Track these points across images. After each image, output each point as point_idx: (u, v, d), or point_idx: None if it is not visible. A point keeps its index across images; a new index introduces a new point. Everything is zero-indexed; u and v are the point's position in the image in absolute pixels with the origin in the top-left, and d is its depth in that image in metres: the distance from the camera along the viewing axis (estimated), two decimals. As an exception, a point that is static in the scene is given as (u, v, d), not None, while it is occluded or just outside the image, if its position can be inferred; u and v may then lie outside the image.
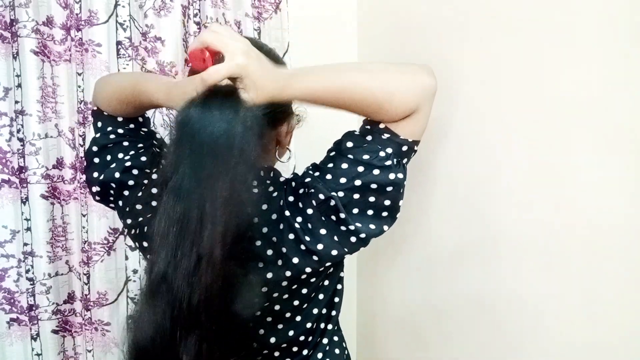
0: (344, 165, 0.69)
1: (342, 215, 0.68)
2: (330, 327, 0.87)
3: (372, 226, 0.70)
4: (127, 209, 0.78)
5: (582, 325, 0.73)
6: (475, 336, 0.97)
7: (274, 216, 0.71)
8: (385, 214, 0.71)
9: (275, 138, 0.81)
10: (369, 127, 0.71)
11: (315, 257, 0.70)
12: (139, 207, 0.76)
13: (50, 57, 1.15)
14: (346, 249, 0.71)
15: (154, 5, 1.19)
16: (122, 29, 1.17)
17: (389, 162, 0.69)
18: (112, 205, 0.82)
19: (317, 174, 0.71)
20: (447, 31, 1.01)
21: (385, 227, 0.72)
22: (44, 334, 1.24)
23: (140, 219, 0.76)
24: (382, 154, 0.68)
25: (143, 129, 0.84)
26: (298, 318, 0.81)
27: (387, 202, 0.70)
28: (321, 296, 0.82)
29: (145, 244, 0.77)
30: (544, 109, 0.77)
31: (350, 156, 0.69)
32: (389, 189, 0.69)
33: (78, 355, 1.27)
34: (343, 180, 0.68)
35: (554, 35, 0.75)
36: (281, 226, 0.70)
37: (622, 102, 0.65)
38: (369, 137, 0.70)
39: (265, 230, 0.71)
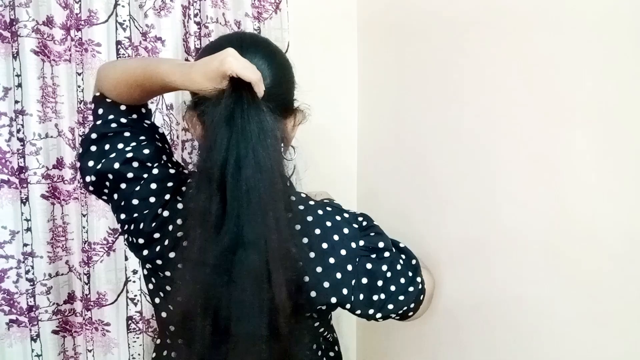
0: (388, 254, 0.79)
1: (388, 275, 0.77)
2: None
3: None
4: (122, 203, 0.75)
5: (583, 325, 0.73)
6: (475, 336, 0.96)
7: (344, 252, 0.74)
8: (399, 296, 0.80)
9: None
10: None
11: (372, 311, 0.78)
12: (135, 202, 0.74)
13: (50, 56, 1.15)
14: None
15: (154, 5, 1.19)
16: (122, 29, 1.17)
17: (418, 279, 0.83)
18: (105, 197, 0.78)
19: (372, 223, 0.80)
20: (447, 31, 1.01)
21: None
22: (44, 335, 1.24)
23: (135, 214, 0.74)
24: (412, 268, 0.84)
25: (146, 121, 0.80)
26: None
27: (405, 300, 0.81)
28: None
29: (141, 240, 0.75)
30: (545, 109, 0.77)
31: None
32: (411, 289, 0.82)
33: (78, 355, 1.27)
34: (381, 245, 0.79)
35: (555, 36, 0.75)
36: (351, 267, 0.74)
37: (622, 102, 0.65)
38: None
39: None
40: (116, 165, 0.73)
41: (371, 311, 0.76)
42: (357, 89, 1.45)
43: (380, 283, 0.75)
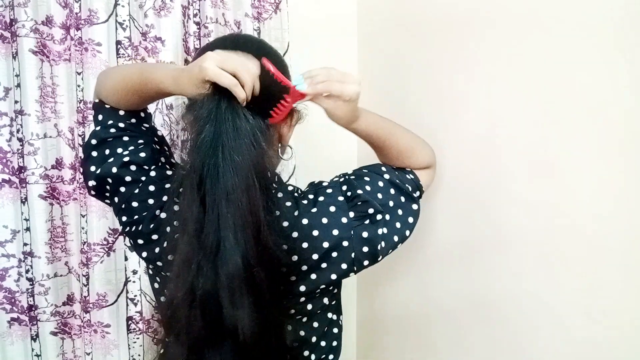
0: (380, 183, 0.79)
1: (380, 232, 0.76)
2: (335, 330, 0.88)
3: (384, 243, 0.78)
4: (123, 206, 0.76)
5: (584, 325, 0.73)
6: (475, 336, 0.97)
7: (336, 231, 0.74)
8: (396, 238, 0.79)
9: (278, 134, 0.79)
10: (396, 168, 0.84)
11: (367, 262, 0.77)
12: (135, 204, 0.75)
13: (49, 56, 1.14)
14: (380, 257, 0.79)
15: (154, 5, 1.18)
16: (122, 29, 1.17)
17: (414, 194, 0.82)
18: (107, 201, 0.80)
19: (357, 184, 0.78)
20: (447, 31, 1.01)
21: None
22: (43, 335, 1.23)
23: (136, 216, 0.76)
24: (408, 185, 0.82)
25: (144, 125, 0.81)
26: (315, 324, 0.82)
27: (407, 232, 0.81)
28: (315, 324, 0.83)
29: (140, 241, 0.76)
30: (546, 109, 0.77)
31: (387, 177, 0.80)
32: (411, 220, 0.80)
33: (77, 358, 1.26)
34: (380, 196, 0.77)
35: (555, 36, 0.75)
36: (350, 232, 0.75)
37: (623, 103, 0.65)
38: (397, 172, 0.83)
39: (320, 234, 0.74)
40: (114, 170, 0.75)
41: (379, 258, 0.79)
42: (356, 89, 1.44)
43: (382, 245, 0.77)
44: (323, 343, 0.83)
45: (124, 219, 0.77)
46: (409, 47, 1.15)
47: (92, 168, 0.77)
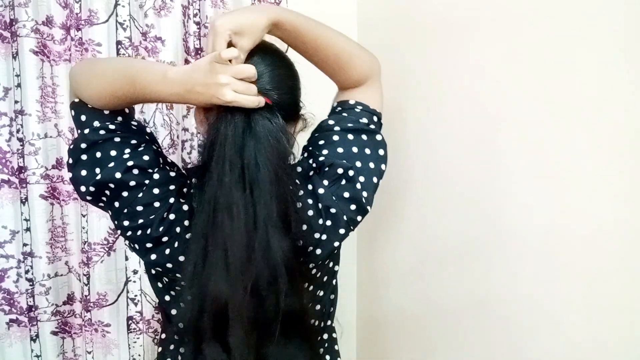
0: (335, 137, 0.78)
1: (358, 186, 0.77)
2: (329, 323, 0.88)
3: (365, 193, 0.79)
4: (125, 210, 0.74)
5: (584, 325, 0.73)
6: (475, 336, 0.97)
7: (310, 201, 0.76)
8: (375, 179, 0.80)
9: None
10: (340, 107, 0.82)
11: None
12: (139, 208, 0.74)
13: (49, 56, 1.15)
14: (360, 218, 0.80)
15: (154, 5, 1.18)
16: (122, 29, 1.17)
17: (372, 126, 0.80)
18: (102, 204, 0.77)
19: (316, 152, 0.78)
20: (447, 31, 1.01)
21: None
22: (44, 335, 1.23)
23: (141, 220, 0.74)
24: (362, 120, 0.80)
25: (133, 123, 0.78)
26: (317, 307, 0.84)
27: (383, 167, 0.81)
28: (321, 293, 0.84)
29: (148, 245, 0.75)
30: (546, 109, 0.78)
31: (337, 128, 0.79)
32: (381, 152, 0.80)
33: (78, 357, 1.27)
34: (340, 150, 0.77)
35: (555, 36, 0.75)
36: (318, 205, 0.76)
37: (623, 103, 0.65)
38: (345, 114, 0.80)
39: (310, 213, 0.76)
40: (117, 175, 0.72)
41: (369, 207, 0.80)
42: (356, 89, 1.44)
43: (364, 194, 0.78)
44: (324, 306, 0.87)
45: (126, 223, 0.75)
46: (409, 47, 1.15)
47: (84, 172, 0.73)
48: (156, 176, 0.75)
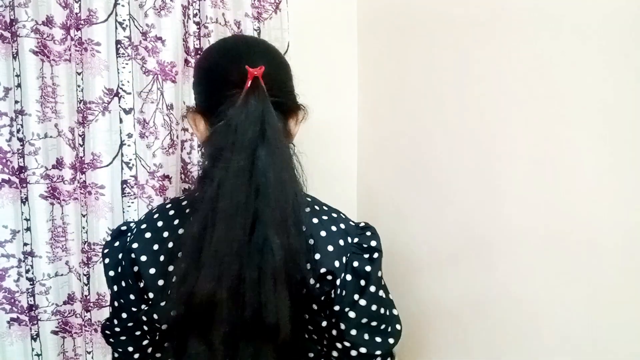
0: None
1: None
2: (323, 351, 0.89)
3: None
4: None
5: (584, 325, 0.73)
6: (474, 336, 0.97)
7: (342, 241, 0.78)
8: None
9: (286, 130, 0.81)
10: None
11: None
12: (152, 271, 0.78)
13: (49, 56, 1.15)
14: None
15: (154, 5, 1.18)
16: (122, 28, 1.17)
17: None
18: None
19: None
20: (447, 31, 1.01)
21: None
22: (44, 335, 1.24)
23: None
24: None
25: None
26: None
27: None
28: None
29: (160, 282, 0.78)
30: (545, 109, 0.77)
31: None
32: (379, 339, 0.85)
33: (78, 357, 1.27)
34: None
35: (555, 36, 0.75)
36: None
37: (622, 102, 0.65)
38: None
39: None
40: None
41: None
42: (357, 89, 1.45)
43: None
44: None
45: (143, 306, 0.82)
46: (409, 46, 1.15)
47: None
48: (170, 268, 0.77)
